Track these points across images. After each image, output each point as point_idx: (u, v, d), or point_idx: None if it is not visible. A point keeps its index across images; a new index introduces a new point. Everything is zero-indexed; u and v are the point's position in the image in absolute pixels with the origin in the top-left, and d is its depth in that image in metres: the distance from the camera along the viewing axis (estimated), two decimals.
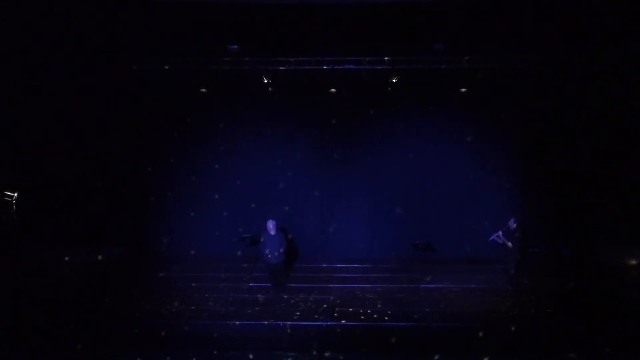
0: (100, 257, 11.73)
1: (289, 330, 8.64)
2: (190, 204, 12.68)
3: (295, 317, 8.99)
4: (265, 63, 11.84)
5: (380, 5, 10.22)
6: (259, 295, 10.10)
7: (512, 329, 8.51)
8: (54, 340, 8.53)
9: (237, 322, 8.77)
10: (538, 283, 10.80)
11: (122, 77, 12.00)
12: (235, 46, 11.36)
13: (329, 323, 8.79)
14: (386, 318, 8.98)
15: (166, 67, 11.90)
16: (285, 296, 10.10)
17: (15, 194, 12.00)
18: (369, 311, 9.28)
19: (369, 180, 12.78)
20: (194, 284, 10.80)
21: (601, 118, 11.89)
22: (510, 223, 10.47)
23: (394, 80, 12.04)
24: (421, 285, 10.52)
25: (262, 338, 8.60)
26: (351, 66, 11.89)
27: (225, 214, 12.58)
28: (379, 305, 9.58)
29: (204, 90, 12.32)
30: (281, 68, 11.88)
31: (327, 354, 8.39)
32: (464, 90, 12.19)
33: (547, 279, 11.08)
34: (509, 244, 10.40)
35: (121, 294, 10.13)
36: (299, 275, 11.48)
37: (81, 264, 11.59)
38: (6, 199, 11.90)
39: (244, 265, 11.59)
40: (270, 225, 10.22)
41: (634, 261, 11.73)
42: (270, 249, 10.03)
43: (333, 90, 12.29)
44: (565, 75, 11.86)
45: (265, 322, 8.75)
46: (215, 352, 8.34)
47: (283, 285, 10.46)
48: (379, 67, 11.90)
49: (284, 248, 10.16)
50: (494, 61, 11.73)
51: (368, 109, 12.56)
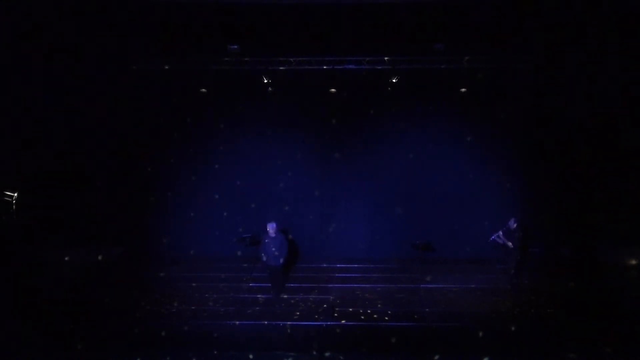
0: (100, 257, 11.73)
1: (289, 330, 8.64)
2: (190, 204, 12.68)
3: (295, 317, 9.00)
4: (265, 63, 11.84)
5: (380, 5, 10.23)
6: (259, 295, 10.10)
7: (512, 329, 8.51)
8: (54, 340, 8.53)
9: (237, 322, 8.77)
10: (538, 283, 10.80)
11: (122, 77, 12.01)
12: (235, 46, 11.37)
13: (329, 323, 8.79)
14: (386, 318, 8.98)
15: (166, 67, 11.90)
16: (285, 296, 10.10)
17: (15, 194, 12.00)
18: (369, 311, 9.28)
19: (369, 180, 12.77)
20: (194, 284, 10.80)
21: (601, 118, 11.89)
22: (511, 223, 10.47)
23: (394, 80, 12.05)
24: (421, 285, 10.52)
25: (262, 338, 8.61)
26: (351, 66, 11.89)
27: (225, 214, 12.58)
28: (379, 305, 9.58)
29: (204, 90, 12.32)
30: (281, 68, 11.88)
31: (327, 354, 8.39)
32: (464, 90, 12.19)
33: (547, 279, 11.08)
34: (509, 244, 10.40)
35: (121, 294, 10.13)
36: (299, 275, 11.48)
37: (81, 264, 11.60)
38: (6, 199, 11.90)
39: (244, 265, 11.59)
40: (269, 227, 10.07)
41: (634, 261, 11.74)
42: (269, 252, 9.94)
43: (333, 90, 12.29)
44: (565, 75, 11.86)
45: (265, 322, 8.75)
46: (215, 352, 8.34)
47: (280, 287, 10.32)
48: (379, 67, 11.90)
49: (284, 252, 9.97)
50: (494, 61, 11.73)
51: (368, 109, 12.57)
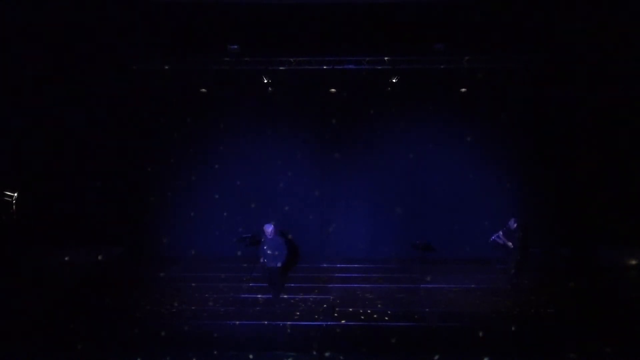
0: (100, 257, 11.73)
1: (289, 330, 8.63)
2: (190, 204, 12.69)
3: (295, 317, 8.99)
4: (265, 63, 11.85)
5: (381, 5, 10.23)
6: (259, 295, 10.09)
7: (512, 329, 8.50)
8: (54, 340, 8.52)
9: (237, 322, 8.76)
10: (538, 283, 10.80)
11: (122, 77, 12.01)
12: (235, 46, 11.36)
13: (329, 323, 8.78)
14: (386, 318, 8.97)
15: (166, 67, 11.90)
16: (285, 296, 10.09)
17: (15, 194, 12.00)
18: (369, 311, 9.27)
19: (369, 180, 12.78)
20: (194, 284, 10.79)
21: (601, 118, 11.90)
22: (511, 223, 10.47)
23: (394, 80, 12.05)
24: (421, 285, 10.52)
25: (262, 338, 8.60)
26: (351, 66, 11.89)
27: (225, 214, 12.58)
28: (379, 305, 9.58)
29: (204, 90, 12.32)
30: (281, 68, 11.88)
31: (327, 354, 8.37)
32: (464, 90, 12.19)
33: (547, 279, 11.08)
34: (510, 244, 10.40)
35: (121, 294, 10.13)
36: (299, 275, 11.48)
37: (81, 264, 11.59)
38: (6, 199, 11.90)
39: (244, 265, 11.59)
40: (267, 229, 9.88)
41: (634, 261, 11.74)
42: (266, 253, 9.84)
43: (333, 90, 12.29)
44: (565, 75, 11.86)
45: (265, 322, 8.74)
46: (215, 352, 8.33)
47: (278, 288, 10.18)
48: (379, 67, 11.90)
49: (282, 254, 9.76)
50: (494, 61, 11.73)
51: (368, 109, 12.57)
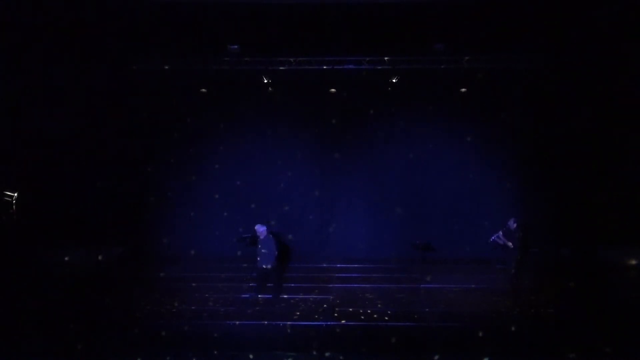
0: (100, 257, 11.72)
1: (289, 330, 8.63)
2: (190, 204, 12.69)
3: (295, 317, 8.98)
4: (265, 63, 11.85)
5: (380, 5, 10.22)
6: (259, 295, 10.09)
7: (512, 329, 8.50)
8: (54, 340, 8.52)
9: (237, 322, 8.76)
10: (538, 283, 10.79)
11: (122, 77, 12.00)
12: (235, 46, 11.36)
13: (329, 323, 8.78)
14: (386, 318, 8.96)
15: (166, 67, 11.90)
16: (285, 296, 10.09)
17: (15, 194, 11.99)
18: (369, 311, 9.27)
19: (369, 180, 12.78)
20: (194, 284, 10.78)
21: (601, 118, 11.89)
22: (510, 223, 10.45)
23: (394, 80, 12.04)
24: (421, 285, 10.51)
25: (262, 338, 8.59)
26: (351, 66, 11.89)
27: (225, 214, 12.58)
28: (379, 305, 9.58)
29: (204, 90, 12.31)
30: (281, 68, 11.88)
31: (327, 354, 8.37)
32: (464, 90, 12.19)
33: (547, 279, 11.08)
34: (510, 244, 10.38)
35: (121, 294, 10.12)
36: (299, 275, 11.47)
37: (81, 264, 11.59)
38: (6, 199, 11.89)
39: (244, 265, 11.58)
40: (259, 229, 9.86)
41: (634, 261, 11.74)
42: (258, 253, 9.80)
43: (333, 90, 12.29)
44: (566, 75, 11.87)
45: (265, 322, 8.74)
46: (215, 352, 8.32)
47: (275, 290, 10.03)
48: (379, 67, 11.90)
49: (272, 255, 9.69)
50: (494, 61, 11.73)
51: (368, 109, 12.58)
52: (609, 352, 8.10)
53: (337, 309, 9.34)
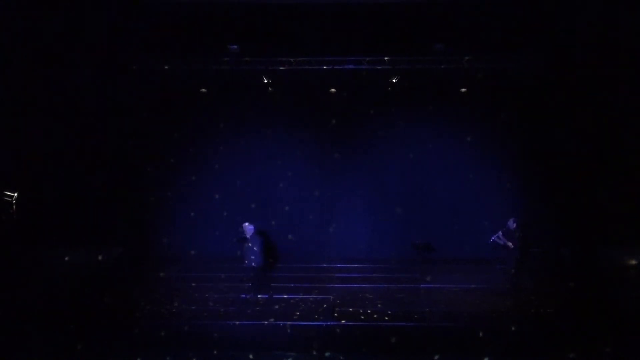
0: (100, 257, 11.72)
1: (289, 330, 8.63)
2: (190, 204, 12.69)
3: (295, 317, 8.98)
4: (265, 63, 11.84)
5: (380, 5, 10.22)
6: (259, 295, 10.08)
7: (512, 329, 8.50)
8: (54, 340, 8.52)
9: (237, 322, 8.76)
10: (538, 283, 10.79)
11: (122, 77, 12.00)
12: (235, 46, 11.36)
13: (329, 323, 8.78)
14: (386, 318, 8.96)
15: (166, 67, 11.90)
16: (285, 296, 10.09)
17: (15, 194, 11.99)
18: (369, 311, 9.27)
19: (369, 180, 12.78)
20: (194, 284, 10.78)
21: (601, 118, 11.88)
22: (510, 223, 10.45)
23: (394, 80, 12.04)
24: (421, 285, 10.51)
25: (262, 338, 8.59)
26: (351, 66, 11.88)
27: (225, 214, 12.57)
28: (379, 305, 9.58)
29: (204, 90, 12.31)
30: (281, 68, 11.88)
31: (327, 354, 8.37)
32: (464, 90, 12.19)
33: (547, 279, 11.07)
34: (510, 244, 10.38)
35: (121, 294, 10.12)
36: (299, 275, 11.47)
37: (81, 264, 11.58)
38: (6, 199, 11.89)
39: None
40: (246, 227, 9.82)
41: (634, 261, 11.72)
42: (245, 253, 9.77)
43: (333, 90, 12.29)
44: (565, 75, 11.86)
45: (265, 322, 8.74)
46: (215, 352, 8.33)
47: (261, 290, 9.90)
48: (379, 67, 11.90)
49: (255, 254, 9.61)
50: (494, 61, 11.73)
51: (368, 109, 12.57)
52: (609, 352, 8.10)
53: (337, 309, 9.34)
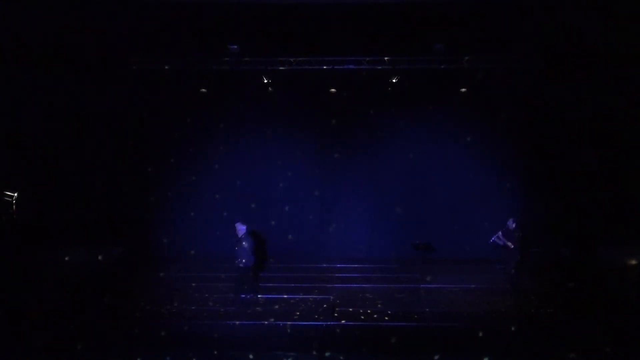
0: (100, 257, 11.72)
1: (289, 330, 8.63)
2: (190, 204, 12.69)
3: (295, 317, 8.99)
4: (265, 63, 11.85)
5: (380, 5, 10.22)
6: (259, 295, 10.09)
7: (512, 329, 8.50)
8: (54, 340, 8.52)
9: (237, 322, 8.76)
10: (538, 283, 10.79)
11: (122, 77, 12.00)
12: (235, 46, 11.36)
13: (329, 323, 8.78)
14: (386, 318, 8.97)
15: (166, 67, 11.90)
16: (285, 296, 10.09)
17: (15, 194, 11.99)
18: (369, 311, 9.27)
19: (369, 180, 12.78)
20: (194, 284, 10.79)
21: (601, 118, 11.89)
22: (509, 223, 10.46)
23: (394, 80, 12.04)
24: (421, 285, 10.51)
25: (262, 338, 8.59)
26: (351, 66, 11.89)
27: (225, 214, 12.56)
28: (379, 305, 9.58)
29: (204, 90, 12.32)
30: (281, 68, 11.88)
31: (327, 354, 8.37)
32: (464, 90, 12.19)
33: (547, 279, 11.08)
34: (509, 245, 10.38)
35: (121, 294, 10.12)
36: (299, 275, 11.48)
37: (81, 264, 11.58)
38: (6, 199, 11.89)
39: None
40: (238, 227, 9.79)
41: (634, 261, 11.71)
42: (236, 252, 9.75)
43: (333, 90, 12.29)
44: (565, 75, 11.86)
45: (265, 322, 8.74)
46: (215, 352, 8.33)
47: (248, 292, 9.85)
48: (379, 67, 11.90)
49: (244, 255, 9.61)
50: (494, 61, 11.73)
51: (368, 109, 12.57)
52: (609, 352, 8.10)
53: (337, 309, 9.34)
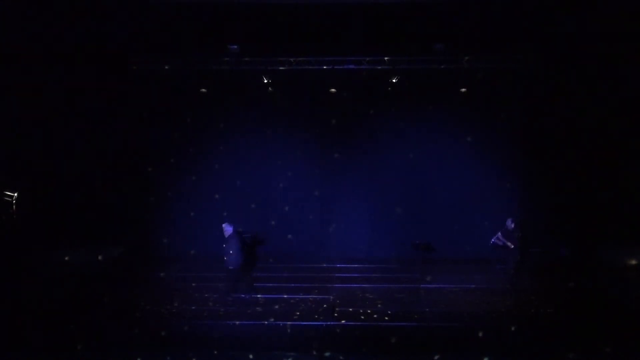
0: (100, 257, 11.72)
1: (289, 330, 8.63)
2: (190, 204, 12.69)
3: (295, 317, 8.98)
4: (265, 63, 11.85)
5: (380, 5, 10.22)
6: (259, 295, 10.09)
7: (512, 329, 8.50)
8: (54, 340, 8.52)
9: (237, 322, 8.76)
10: (538, 283, 10.79)
11: (122, 77, 12.00)
12: (235, 46, 11.37)
13: (329, 323, 8.78)
14: (386, 318, 8.96)
15: (166, 67, 11.90)
16: (285, 296, 10.09)
17: (15, 194, 11.99)
18: (369, 311, 9.27)
19: (369, 180, 12.78)
20: (194, 284, 10.79)
21: (601, 118, 11.88)
22: (508, 223, 10.45)
23: (394, 80, 12.04)
24: (421, 285, 10.51)
25: (262, 338, 8.59)
26: (351, 66, 11.89)
27: (225, 214, 12.55)
28: (379, 305, 9.58)
29: (204, 90, 12.32)
30: (281, 68, 11.88)
31: (327, 354, 8.37)
32: (464, 90, 12.19)
33: (547, 279, 11.07)
34: (509, 245, 10.38)
35: (121, 294, 10.12)
36: (299, 275, 11.47)
37: (81, 264, 11.58)
38: (6, 199, 11.89)
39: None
40: (224, 228, 9.82)
41: (634, 261, 11.72)
42: (224, 253, 9.77)
43: (333, 90, 12.29)
44: (565, 75, 11.86)
45: (265, 322, 8.74)
46: (215, 352, 8.32)
47: (245, 292, 9.90)
48: (379, 67, 11.90)
49: (231, 256, 9.63)
50: (494, 61, 11.73)
51: (368, 109, 12.58)
52: (609, 352, 8.10)
53: (337, 309, 9.34)
